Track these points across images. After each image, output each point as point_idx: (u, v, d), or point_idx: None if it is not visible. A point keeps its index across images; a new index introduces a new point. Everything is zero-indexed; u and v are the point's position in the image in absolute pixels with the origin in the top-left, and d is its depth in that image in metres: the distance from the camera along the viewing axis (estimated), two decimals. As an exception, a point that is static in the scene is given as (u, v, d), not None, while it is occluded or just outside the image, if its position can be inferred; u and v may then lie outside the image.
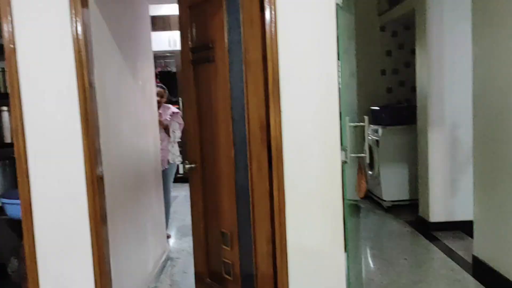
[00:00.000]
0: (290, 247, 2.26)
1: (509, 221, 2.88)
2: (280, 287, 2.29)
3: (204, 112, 2.80)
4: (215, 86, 2.64)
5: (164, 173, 4.27)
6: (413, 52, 5.17)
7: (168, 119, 4.28)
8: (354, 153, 2.54)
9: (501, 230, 2.98)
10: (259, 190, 2.40)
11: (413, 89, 5.17)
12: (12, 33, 2.18)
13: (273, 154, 2.26)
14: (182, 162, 4.43)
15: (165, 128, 4.27)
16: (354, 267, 2.53)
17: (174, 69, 7.44)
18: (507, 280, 2.88)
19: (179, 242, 4.42)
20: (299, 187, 2.25)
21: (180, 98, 6.97)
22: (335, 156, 2.25)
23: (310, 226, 2.27)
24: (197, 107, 2.83)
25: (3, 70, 3.39)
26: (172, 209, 4.67)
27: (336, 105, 2.25)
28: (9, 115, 3.32)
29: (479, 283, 3.11)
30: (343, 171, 2.27)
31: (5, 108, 3.35)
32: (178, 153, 4.39)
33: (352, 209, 2.78)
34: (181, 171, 5.78)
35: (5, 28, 2.18)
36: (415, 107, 4.66)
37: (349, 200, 2.60)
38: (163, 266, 3.78)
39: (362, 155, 2.75)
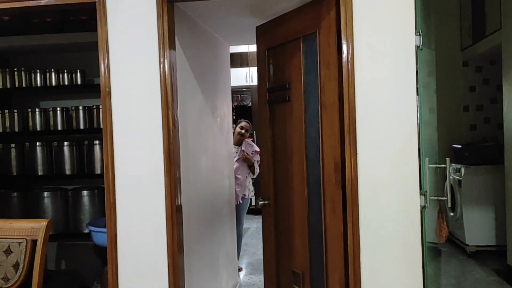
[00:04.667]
0: None
1: None
2: (353, 335, 2.22)
3: (279, 150, 2.84)
4: (291, 125, 2.69)
5: (239, 206, 4.37)
6: (499, 87, 4.89)
7: (250, 156, 4.43)
8: (435, 195, 2.43)
9: None
10: (332, 231, 2.37)
11: (500, 126, 4.86)
12: (108, 77, 2.41)
13: (347, 196, 2.23)
14: (255, 196, 4.54)
15: (248, 165, 4.43)
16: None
17: (249, 103, 7.65)
18: None
19: (250, 276, 4.43)
20: (375, 231, 2.20)
21: (254, 131, 7.14)
22: (414, 201, 2.17)
23: (387, 273, 2.19)
24: (272, 145, 2.89)
25: (97, 107, 3.71)
26: (243, 241, 4.73)
27: (415, 147, 2.18)
28: (100, 149, 3.61)
29: None
30: (422, 216, 2.18)
31: (97, 141, 3.64)
32: (252, 187, 4.54)
33: (431, 253, 2.64)
34: (253, 203, 5.88)
35: (102, 70, 2.41)
36: (502, 145, 4.36)
37: (429, 243, 2.47)
38: (234, 300, 3.80)
39: (443, 198, 2.63)
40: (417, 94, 2.23)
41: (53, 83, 3.79)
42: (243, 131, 4.49)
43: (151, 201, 2.42)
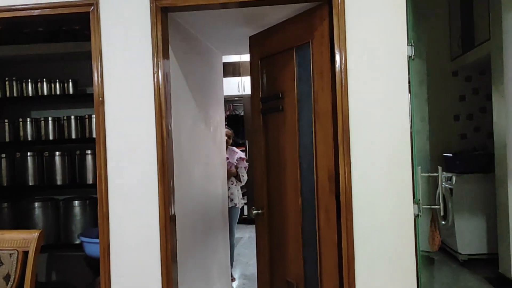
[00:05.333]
0: (358, 302, 2.19)
1: None
2: None
3: (272, 160, 2.85)
4: (284, 135, 2.70)
5: (229, 216, 4.35)
6: (488, 97, 4.96)
7: (235, 163, 4.40)
8: (427, 204, 2.45)
9: None
10: (326, 240, 2.36)
11: (490, 135, 4.91)
12: (101, 86, 2.40)
13: (342, 205, 2.24)
14: (248, 205, 4.51)
15: (233, 175, 4.40)
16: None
17: (242, 113, 7.67)
18: None
19: (243, 286, 4.40)
20: (369, 240, 2.20)
21: (247, 141, 7.15)
22: (407, 209, 2.18)
23: (381, 281, 2.19)
24: (265, 154, 2.89)
25: (89, 117, 3.69)
26: (236, 251, 4.70)
27: (408, 156, 2.20)
28: (92, 158, 3.59)
29: None
30: (416, 225, 2.19)
31: (89, 151, 3.62)
32: (241, 195, 4.51)
33: (425, 261, 2.64)
34: (245, 212, 5.87)
35: (95, 80, 2.40)
36: (492, 154, 4.41)
37: (422, 251, 2.48)
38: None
39: (436, 206, 2.64)
40: (410, 104, 2.25)
41: (45, 92, 3.77)
42: (225, 138, 4.47)
43: (145, 211, 2.40)
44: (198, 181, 3.18)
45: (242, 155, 4.47)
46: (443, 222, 4.94)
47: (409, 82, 2.23)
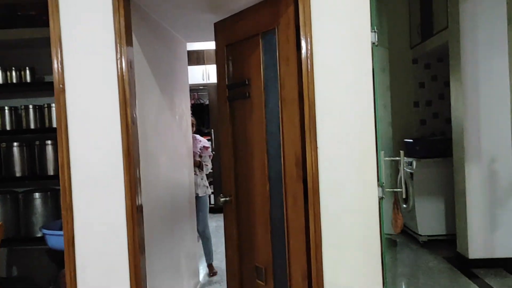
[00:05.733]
0: (326, 283, 2.24)
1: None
2: (317, 326, 2.26)
3: (239, 147, 2.85)
4: (251, 121, 2.70)
5: (198, 207, 4.31)
6: (446, 84, 5.13)
7: (198, 152, 4.33)
8: (390, 188, 2.52)
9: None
10: (294, 225, 2.40)
11: (448, 121, 5.10)
12: (62, 74, 2.32)
13: (309, 190, 2.27)
14: (214, 194, 4.47)
15: (196, 165, 4.32)
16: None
17: (207, 102, 7.61)
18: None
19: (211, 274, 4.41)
20: (336, 223, 2.25)
21: (212, 130, 7.11)
22: (373, 193, 2.24)
23: (348, 262, 2.24)
24: (232, 141, 2.89)
25: (48, 106, 3.56)
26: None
27: (373, 141, 2.25)
28: (53, 149, 3.48)
29: (525, 326, 2.97)
30: (380, 207, 2.25)
31: (49, 142, 3.50)
32: (207, 184, 4.44)
33: (388, 244, 2.73)
34: (212, 201, 5.84)
35: (55, 67, 2.32)
36: (450, 139, 4.58)
37: (386, 234, 2.56)
38: (196, 299, 3.78)
39: (399, 190, 2.72)
40: (373, 90, 2.29)
41: (0, 81, 3.60)
42: None
43: (111, 201, 2.36)
44: (165, 169, 3.14)
45: (206, 143, 4.41)
46: (405, 206, 5.11)
47: (373, 69, 2.28)
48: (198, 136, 4.51)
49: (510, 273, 3.80)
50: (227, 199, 2.92)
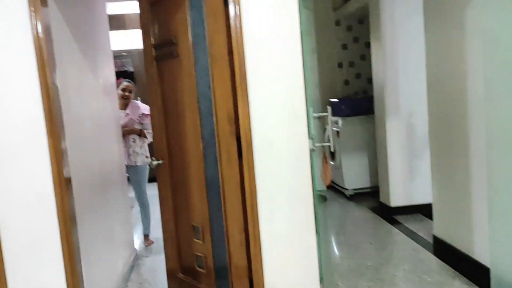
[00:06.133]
0: (263, 234, 2.31)
1: (464, 201, 3.07)
2: (255, 275, 2.34)
3: (170, 108, 2.80)
4: (180, 81, 2.65)
5: (136, 175, 4.20)
6: (367, 45, 5.36)
7: (137, 119, 4.18)
8: (318, 143, 2.62)
9: (458, 210, 3.16)
10: (229, 181, 2.43)
11: (369, 80, 5.36)
12: (-33, 32, 2.10)
13: (242, 146, 2.30)
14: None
15: (136, 133, 4.17)
16: (324, 250, 2.61)
17: (131, 69, 7.32)
18: (465, 255, 3.07)
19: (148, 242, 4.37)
20: (270, 177, 2.30)
21: (138, 98, 6.88)
22: (304, 145, 2.31)
23: (283, 213, 2.33)
24: (162, 102, 2.83)
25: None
26: (137, 209, 4.61)
27: (303, 95, 2.31)
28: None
29: (440, 261, 3.29)
30: (311, 159, 2.34)
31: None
32: (147, 153, 4.27)
33: (319, 199, 2.86)
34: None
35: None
36: (372, 98, 4.83)
37: (317, 191, 2.68)
38: (132, 266, 3.74)
39: (327, 144, 2.84)
40: (301, 48, 2.33)
41: None
42: (126, 93, 4.21)
43: (36, 171, 2.22)
44: (91, 137, 3.01)
45: (147, 110, 4.16)
46: (332, 163, 5.36)
47: (300, 28, 2.31)
48: (138, 103, 4.30)
49: (426, 216, 4.16)
50: (160, 162, 2.88)
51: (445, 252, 3.33)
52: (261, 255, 2.31)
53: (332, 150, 2.68)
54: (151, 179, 3.94)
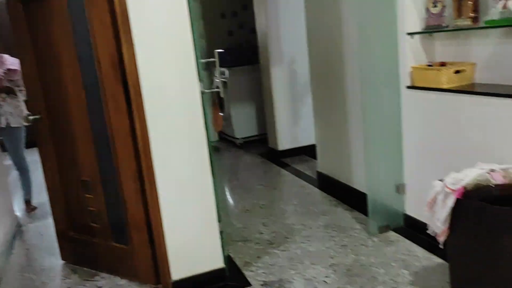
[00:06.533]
0: (159, 181, 2.28)
1: (343, 139, 3.36)
2: (154, 222, 2.33)
3: (44, 56, 2.54)
4: (54, 25, 2.41)
5: (10, 139, 3.78)
6: (249, -6, 5.37)
7: (2, 76, 3.69)
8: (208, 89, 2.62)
9: (338, 148, 3.46)
10: (119, 131, 2.33)
11: (252, 30, 5.41)
12: None
13: (131, 92, 2.20)
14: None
15: (5, 91, 3.69)
16: (219, 194, 2.66)
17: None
18: (346, 185, 3.41)
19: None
20: (163, 122, 2.25)
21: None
22: (194, 88, 2.29)
23: (178, 158, 2.31)
24: (34, 51, 2.56)
25: None
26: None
27: (189, 36, 2.26)
28: None
29: (324, 193, 3.60)
30: (202, 100, 2.34)
31: None
32: (14, 112, 3.82)
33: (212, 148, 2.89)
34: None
35: None
36: (256, 47, 4.92)
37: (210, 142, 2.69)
38: (14, 234, 3.45)
39: (217, 89, 2.86)
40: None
41: None
42: None
43: None
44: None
45: (14, 65, 3.67)
46: (221, 114, 5.42)
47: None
48: (5, 56, 3.77)
49: (310, 157, 4.47)
50: (37, 117, 2.64)
51: (328, 185, 3.64)
52: (158, 202, 2.29)
53: (221, 95, 2.70)
54: (31, 144, 3.56)
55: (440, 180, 1.96)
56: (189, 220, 2.38)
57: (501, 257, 1.75)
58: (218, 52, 3.08)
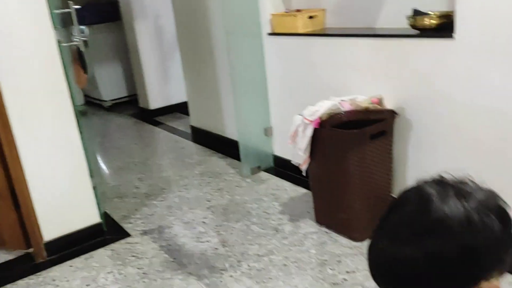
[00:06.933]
0: (19, 143, 2.11)
1: (213, 92, 3.45)
2: (17, 187, 2.16)
3: None
4: None
5: None
6: None
7: None
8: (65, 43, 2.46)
9: (209, 100, 3.55)
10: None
11: (111, -15, 5.10)
12: None
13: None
14: None
15: None
16: (90, 153, 2.55)
17: None
18: (219, 135, 3.53)
19: None
20: (17, 74, 2.07)
21: None
22: (50, 37, 2.14)
23: (37, 114, 2.16)
24: None
25: None
26: None
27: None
28: None
29: (199, 145, 3.67)
30: (61, 51, 2.20)
31: None
32: None
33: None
34: None
35: None
36: (117, 2, 4.67)
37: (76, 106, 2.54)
38: None
39: (75, 43, 2.70)
40: None
41: None
42: None
43: None
44: None
45: None
46: (85, 74, 5.08)
47: None
48: None
49: (182, 113, 4.48)
50: None
51: (202, 137, 3.73)
52: (21, 163, 2.13)
53: (83, 48, 2.56)
54: None
55: (300, 115, 2.16)
56: (59, 179, 2.27)
57: (348, 173, 2.03)
58: (75, 8, 2.90)
